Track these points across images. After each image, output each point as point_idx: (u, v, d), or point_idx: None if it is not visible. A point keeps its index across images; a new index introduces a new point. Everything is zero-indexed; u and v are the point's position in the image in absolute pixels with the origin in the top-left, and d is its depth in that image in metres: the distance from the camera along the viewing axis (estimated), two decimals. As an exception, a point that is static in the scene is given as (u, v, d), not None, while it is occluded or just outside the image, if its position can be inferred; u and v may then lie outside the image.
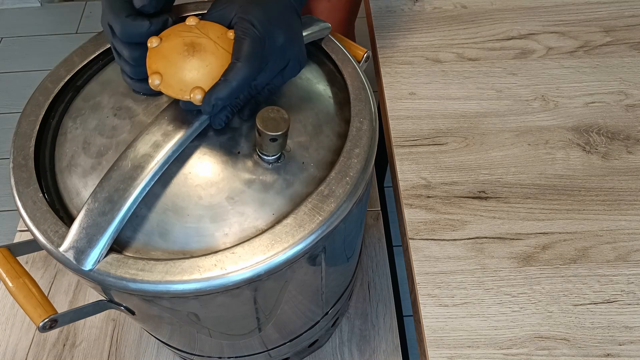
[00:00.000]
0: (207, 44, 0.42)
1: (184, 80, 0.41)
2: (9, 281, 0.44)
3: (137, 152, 0.43)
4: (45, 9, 2.10)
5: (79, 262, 0.40)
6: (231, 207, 0.43)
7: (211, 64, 0.41)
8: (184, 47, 0.41)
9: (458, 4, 0.77)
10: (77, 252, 0.40)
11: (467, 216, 0.58)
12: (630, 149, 0.62)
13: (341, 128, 0.49)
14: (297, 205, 0.43)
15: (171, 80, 0.41)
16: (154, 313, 0.49)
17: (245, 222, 0.43)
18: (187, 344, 0.60)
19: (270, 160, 0.45)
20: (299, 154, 0.46)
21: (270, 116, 0.41)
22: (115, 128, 0.47)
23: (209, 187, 0.44)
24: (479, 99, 0.67)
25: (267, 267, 0.40)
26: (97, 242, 0.40)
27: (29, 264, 0.83)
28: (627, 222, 0.57)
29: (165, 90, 0.41)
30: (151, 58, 0.42)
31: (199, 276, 0.39)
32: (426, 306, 0.52)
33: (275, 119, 0.41)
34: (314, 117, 0.49)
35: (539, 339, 0.50)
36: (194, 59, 0.41)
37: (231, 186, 0.44)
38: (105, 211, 0.41)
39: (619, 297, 0.52)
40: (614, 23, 0.74)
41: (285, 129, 0.41)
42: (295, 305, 0.55)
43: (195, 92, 0.40)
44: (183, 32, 0.42)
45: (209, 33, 0.42)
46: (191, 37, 0.42)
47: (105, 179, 0.42)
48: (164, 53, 0.41)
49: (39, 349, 0.75)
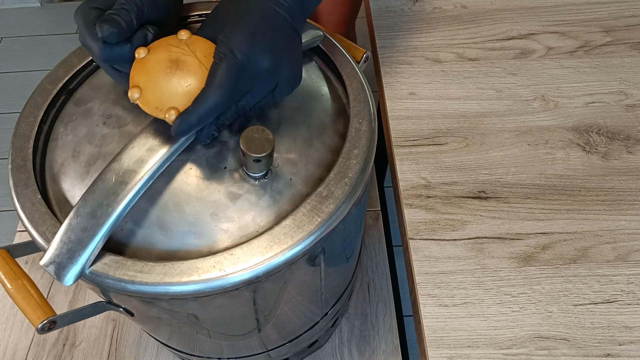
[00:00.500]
0: (191, 62, 0.41)
1: (161, 98, 0.40)
2: (8, 283, 0.44)
3: (121, 166, 0.42)
4: (45, 9, 2.10)
5: (59, 277, 0.39)
6: (214, 223, 0.42)
7: (191, 84, 0.40)
8: (168, 64, 0.41)
9: (458, 4, 0.77)
10: (58, 267, 0.39)
11: (467, 216, 0.57)
12: (630, 149, 0.62)
13: (340, 129, 0.49)
14: (296, 207, 0.43)
15: (150, 96, 0.40)
16: (153, 314, 0.49)
17: (229, 240, 0.42)
18: (187, 344, 0.60)
19: (256, 177, 0.44)
20: (287, 170, 0.45)
21: (254, 137, 0.40)
22: (104, 137, 0.47)
23: (194, 202, 0.43)
24: (479, 99, 0.67)
25: (266, 269, 0.40)
26: (79, 257, 0.39)
27: (29, 264, 0.83)
28: (627, 222, 0.56)
29: (142, 106, 0.41)
30: (135, 69, 0.41)
31: (197, 277, 0.39)
32: (426, 306, 0.52)
33: (259, 139, 0.40)
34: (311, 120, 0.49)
35: (539, 339, 0.50)
36: (175, 78, 0.40)
37: (215, 202, 0.43)
38: (88, 227, 0.40)
39: (619, 297, 0.52)
40: (614, 23, 0.74)
41: (269, 151, 0.40)
42: (294, 306, 0.55)
43: (171, 113, 0.40)
44: (171, 47, 0.42)
45: (197, 51, 0.41)
46: (177, 54, 0.41)
47: (88, 193, 0.41)
48: (148, 67, 0.41)
49: (39, 349, 0.75)
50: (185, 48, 0.42)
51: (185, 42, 0.42)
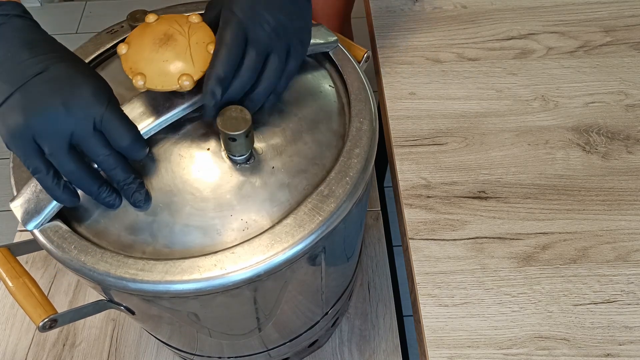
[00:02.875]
0: (181, 43, 0.42)
1: (138, 62, 0.41)
2: (9, 281, 0.44)
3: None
4: (45, 9, 2.10)
5: (24, 222, 0.42)
6: (190, 204, 0.43)
7: (168, 61, 0.41)
8: (161, 35, 0.42)
9: (458, 4, 0.77)
10: (25, 212, 0.42)
11: (467, 216, 0.58)
12: (630, 149, 0.62)
13: (334, 126, 0.49)
14: (297, 205, 0.43)
15: (131, 57, 0.42)
16: (154, 313, 0.49)
17: (204, 221, 0.43)
18: (187, 343, 0.60)
19: (237, 161, 0.44)
20: (270, 158, 0.46)
21: (232, 115, 0.41)
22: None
23: (173, 182, 0.44)
24: (479, 99, 0.67)
25: (267, 267, 0.40)
26: (44, 208, 0.42)
27: (29, 263, 0.83)
28: (627, 222, 0.56)
29: (122, 62, 0.42)
30: (127, 62, 0.42)
31: (198, 276, 0.39)
32: (426, 306, 0.52)
33: (236, 118, 0.41)
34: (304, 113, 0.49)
35: (539, 339, 0.50)
36: (158, 50, 0.41)
37: (194, 184, 0.44)
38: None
39: (619, 297, 0.52)
40: (614, 23, 0.74)
41: (245, 130, 0.41)
42: (295, 305, 0.55)
43: (137, 78, 0.41)
44: (174, 23, 0.43)
45: (192, 36, 0.43)
46: (174, 31, 0.42)
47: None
48: (145, 32, 0.42)
49: (39, 348, 0.75)
50: (184, 29, 0.43)
51: (190, 24, 0.43)
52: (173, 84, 0.41)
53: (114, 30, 0.55)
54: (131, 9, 0.51)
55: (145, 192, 0.43)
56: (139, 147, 0.41)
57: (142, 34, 0.43)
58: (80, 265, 0.41)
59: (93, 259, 0.41)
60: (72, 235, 0.42)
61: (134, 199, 0.42)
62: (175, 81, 0.41)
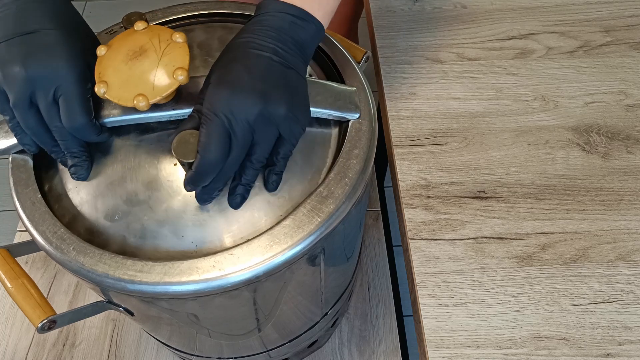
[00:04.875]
0: (150, 49, 0.42)
1: (127, 88, 0.41)
2: (8, 282, 0.44)
3: None
4: (45, 8, 2.10)
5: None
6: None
7: (154, 69, 0.41)
8: (127, 54, 0.42)
9: (458, 4, 0.77)
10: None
11: (467, 216, 0.57)
12: (630, 149, 0.62)
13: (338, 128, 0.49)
14: (296, 206, 0.43)
15: (116, 88, 0.41)
16: (153, 314, 0.49)
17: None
18: (187, 344, 0.60)
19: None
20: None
21: (188, 140, 0.40)
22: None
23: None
24: (479, 99, 0.67)
25: (266, 269, 0.40)
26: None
27: (29, 264, 0.83)
28: (627, 222, 0.56)
29: (111, 98, 0.41)
30: (99, 66, 0.42)
31: (197, 277, 0.39)
32: (426, 306, 0.52)
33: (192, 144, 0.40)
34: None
35: (539, 339, 0.50)
36: (136, 66, 0.41)
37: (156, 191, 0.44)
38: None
39: (619, 297, 0.52)
40: (614, 23, 0.74)
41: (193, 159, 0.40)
42: (294, 305, 0.55)
43: (139, 99, 0.41)
44: (129, 39, 0.43)
45: (154, 38, 0.42)
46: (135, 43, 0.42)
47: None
48: (110, 61, 0.42)
49: (39, 349, 0.75)
50: (161, 47, 0.42)
51: (143, 32, 0.43)
52: (129, 102, 0.41)
53: (113, 30, 0.55)
54: (131, 9, 0.50)
55: (87, 167, 0.45)
56: (89, 133, 0.43)
57: (123, 40, 0.43)
58: (79, 267, 0.41)
59: (92, 260, 0.41)
60: (70, 236, 0.42)
61: (74, 170, 0.45)
62: (131, 99, 0.41)
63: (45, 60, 0.41)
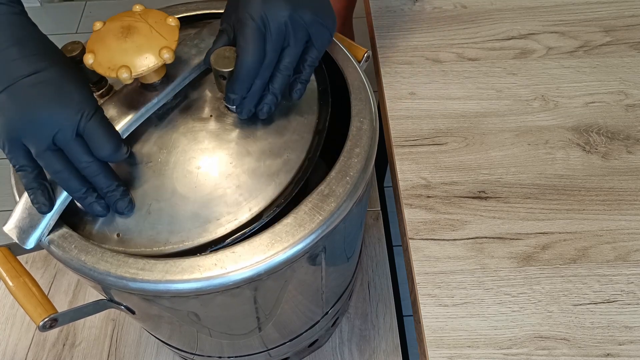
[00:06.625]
0: (142, 27, 0.43)
1: (113, 59, 0.42)
2: (9, 280, 0.44)
3: None
4: (45, 9, 2.10)
5: (21, 241, 0.42)
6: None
7: (142, 45, 0.42)
8: (120, 30, 0.43)
9: (458, 4, 0.77)
10: (20, 231, 0.42)
11: (467, 216, 0.58)
12: (630, 149, 0.62)
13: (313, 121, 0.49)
14: (298, 205, 0.43)
15: (102, 58, 0.42)
16: (154, 312, 0.49)
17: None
18: (187, 343, 0.60)
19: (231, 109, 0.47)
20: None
21: (224, 54, 0.44)
22: None
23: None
24: (479, 99, 0.67)
25: (267, 267, 0.40)
26: (40, 222, 0.41)
27: (29, 263, 0.83)
28: (627, 222, 0.57)
29: (96, 68, 0.42)
30: (91, 39, 0.43)
31: (199, 275, 0.39)
32: (426, 306, 0.52)
33: (228, 57, 0.44)
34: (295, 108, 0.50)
35: (539, 339, 0.50)
36: (126, 41, 0.42)
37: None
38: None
39: (619, 297, 0.52)
40: (614, 23, 0.74)
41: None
42: (295, 305, 0.55)
43: (122, 71, 0.41)
44: (124, 17, 0.44)
45: (148, 18, 0.44)
46: (129, 21, 0.43)
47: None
48: (102, 35, 0.43)
49: (39, 348, 0.75)
50: (137, 17, 0.44)
51: (139, 13, 0.44)
52: (112, 72, 0.42)
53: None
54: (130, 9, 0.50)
55: (129, 199, 0.43)
56: (119, 155, 0.42)
57: (118, 19, 0.44)
58: (81, 265, 0.41)
59: (93, 259, 0.41)
60: (72, 234, 0.42)
61: (118, 207, 0.43)
62: (115, 70, 0.42)
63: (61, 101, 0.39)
